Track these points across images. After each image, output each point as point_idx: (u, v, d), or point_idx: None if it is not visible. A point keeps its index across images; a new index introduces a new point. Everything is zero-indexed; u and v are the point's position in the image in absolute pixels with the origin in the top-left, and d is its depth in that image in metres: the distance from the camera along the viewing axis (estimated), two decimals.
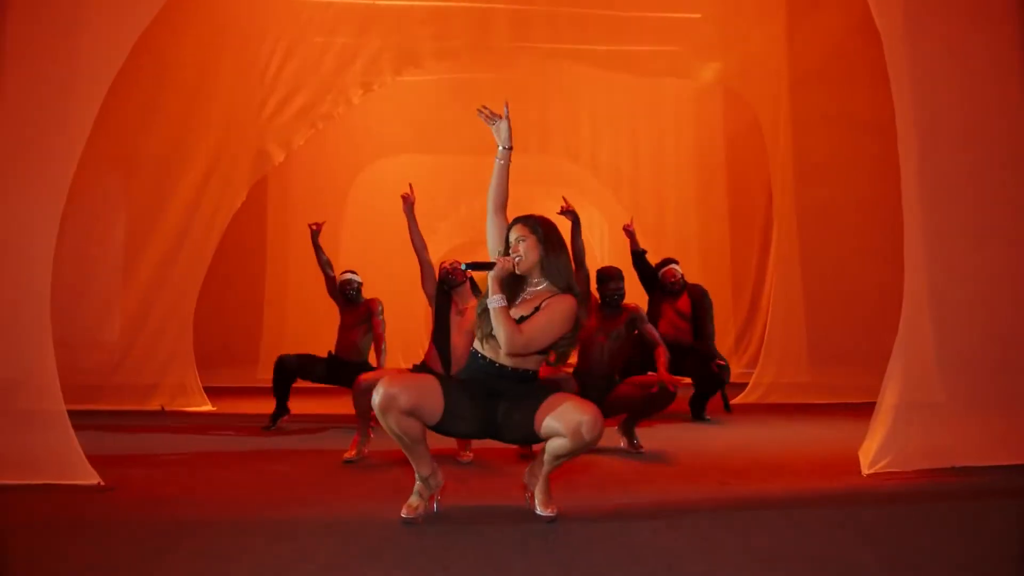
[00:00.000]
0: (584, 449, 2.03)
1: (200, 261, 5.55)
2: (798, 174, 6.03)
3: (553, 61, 7.69)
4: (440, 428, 2.10)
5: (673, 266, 4.91)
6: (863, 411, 4.78)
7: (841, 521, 2.13)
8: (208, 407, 5.39)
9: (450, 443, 3.22)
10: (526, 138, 8.57)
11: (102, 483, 2.58)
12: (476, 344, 2.20)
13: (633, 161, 8.54)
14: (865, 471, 2.76)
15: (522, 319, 2.11)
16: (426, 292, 3.50)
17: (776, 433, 3.99)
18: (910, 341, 2.91)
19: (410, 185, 3.60)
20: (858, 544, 1.88)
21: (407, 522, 2.07)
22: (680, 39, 6.38)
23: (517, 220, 2.22)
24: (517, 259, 2.15)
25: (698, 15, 6.19)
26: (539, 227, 2.21)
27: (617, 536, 1.96)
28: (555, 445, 2.04)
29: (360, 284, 4.46)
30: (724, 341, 8.37)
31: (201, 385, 5.54)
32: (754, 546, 1.85)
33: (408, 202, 3.52)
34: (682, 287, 4.85)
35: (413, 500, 2.13)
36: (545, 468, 2.14)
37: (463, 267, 2.18)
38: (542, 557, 1.76)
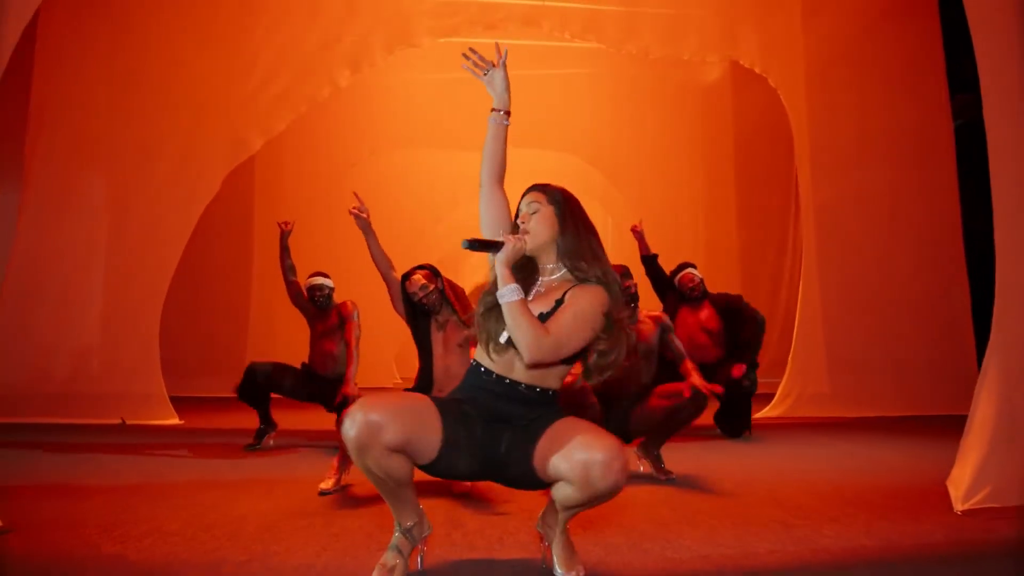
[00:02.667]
0: (601, 499, 1.44)
1: (168, 259, 5.00)
2: (816, 164, 5.59)
3: (555, 53, 7.25)
4: (433, 468, 1.53)
5: (691, 270, 4.29)
6: (916, 426, 4.30)
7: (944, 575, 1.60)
8: (174, 420, 4.82)
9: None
10: (527, 132, 8.10)
11: (0, 524, 2.02)
12: (478, 354, 1.65)
13: (638, 157, 8.08)
14: (958, 507, 2.22)
15: (541, 317, 1.56)
16: (398, 312, 2.99)
17: (825, 454, 3.44)
18: (1004, 345, 2.38)
19: (356, 195, 3.03)
20: None
21: None
22: (696, 25, 5.91)
23: (532, 187, 1.72)
24: (526, 236, 1.63)
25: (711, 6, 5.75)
26: (558, 196, 1.68)
27: None
28: (561, 494, 1.47)
29: (332, 289, 3.86)
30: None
31: (169, 396, 4.98)
32: None
33: (361, 218, 2.95)
34: (703, 294, 4.25)
35: (389, 558, 1.57)
36: (559, 518, 1.59)
37: (463, 244, 1.58)
38: None
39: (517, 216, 1.70)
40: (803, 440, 3.93)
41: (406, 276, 2.98)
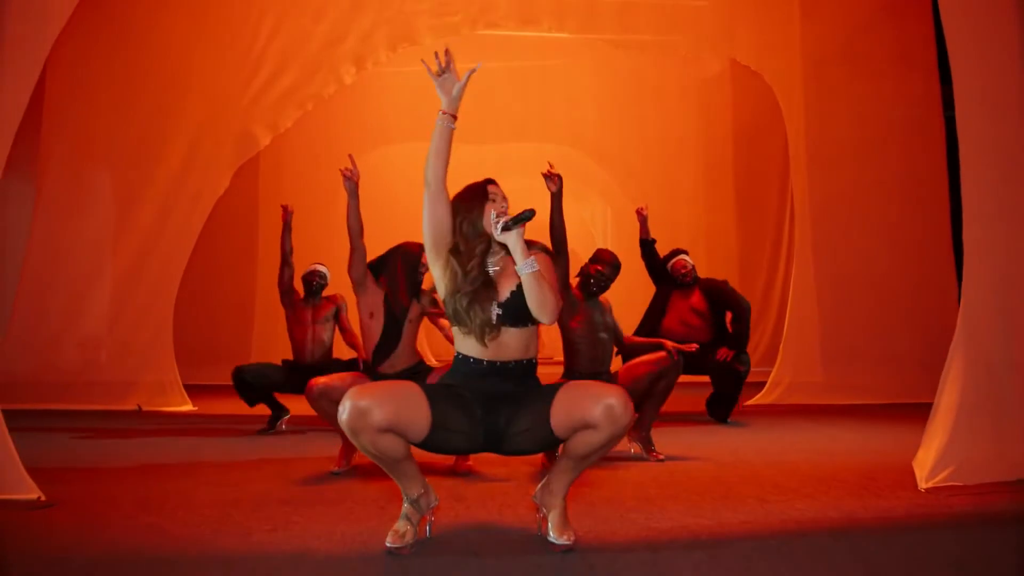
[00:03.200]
0: (617, 438, 1.67)
1: (180, 251, 5.19)
2: (812, 160, 5.70)
3: (556, 46, 7.36)
4: (428, 445, 1.71)
5: (683, 256, 4.47)
6: (901, 413, 4.48)
7: (905, 546, 1.78)
8: (188, 407, 5.03)
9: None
10: (528, 126, 8.24)
11: (41, 498, 2.22)
12: (464, 347, 1.81)
13: (639, 150, 8.21)
14: (923, 485, 2.40)
15: (512, 295, 1.78)
16: (352, 277, 3.01)
17: (809, 438, 3.63)
18: (970, 337, 2.55)
19: (350, 157, 3.13)
20: (927, 574, 1.53)
21: (393, 552, 1.71)
22: (693, 24, 6.03)
23: (492, 181, 1.92)
24: (503, 217, 1.81)
25: (705, 2, 5.85)
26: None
27: (647, 570, 1.60)
28: (583, 441, 1.66)
29: (327, 280, 4.02)
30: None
31: (182, 383, 5.19)
32: None
33: (351, 179, 3.04)
34: (694, 280, 4.43)
35: (400, 526, 1.77)
36: (568, 478, 1.78)
37: (506, 223, 1.73)
38: None
39: (486, 196, 1.85)
40: (790, 425, 4.12)
41: (412, 251, 3.03)
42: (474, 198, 1.85)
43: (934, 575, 1.66)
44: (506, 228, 1.73)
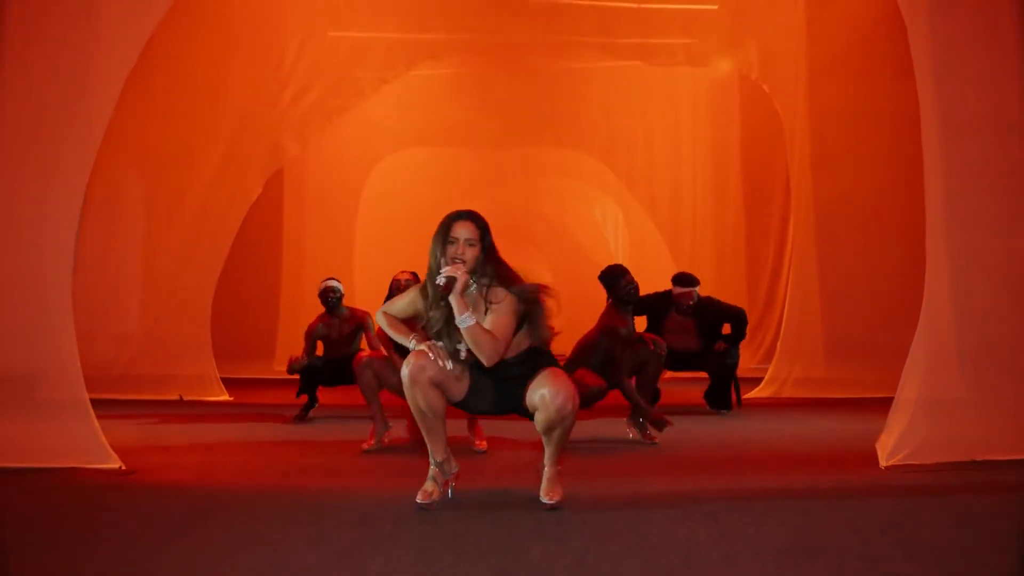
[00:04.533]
0: (559, 419, 2.02)
1: (217, 253, 5.61)
2: (816, 165, 5.95)
3: (568, 52, 7.66)
4: (462, 405, 2.17)
5: (692, 290, 4.62)
6: (881, 405, 4.74)
7: (859, 512, 2.11)
8: (225, 397, 5.45)
9: (464, 432, 3.22)
10: (539, 130, 8.57)
11: (123, 467, 2.62)
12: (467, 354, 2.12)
13: (648, 154, 8.49)
14: (883, 463, 2.72)
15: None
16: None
17: (793, 426, 3.95)
18: (931, 334, 2.86)
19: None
20: (876, 535, 1.86)
21: (422, 507, 2.08)
22: (699, 29, 6.32)
23: (464, 216, 2.11)
24: (461, 263, 2.06)
25: (716, 6, 6.12)
26: (486, 232, 2.13)
27: (632, 525, 1.96)
28: (538, 419, 2.06)
29: (342, 294, 4.30)
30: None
31: (219, 376, 5.61)
32: (771, 537, 1.83)
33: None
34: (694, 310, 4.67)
35: (428, 486, 2.14)
36: (550, 450, 2.15)
37: (439, 299, 2.06)
38: (556, 545, 1.76)
39: (447, 237, 2.08)
40: (782, 416, 4.44)
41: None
42: (437, 238, 2.10)
43: (876, 533, 1.99)
44: (442, 298, 2.05)
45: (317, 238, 8.23)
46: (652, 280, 4.89)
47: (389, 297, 3.30)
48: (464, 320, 2.01)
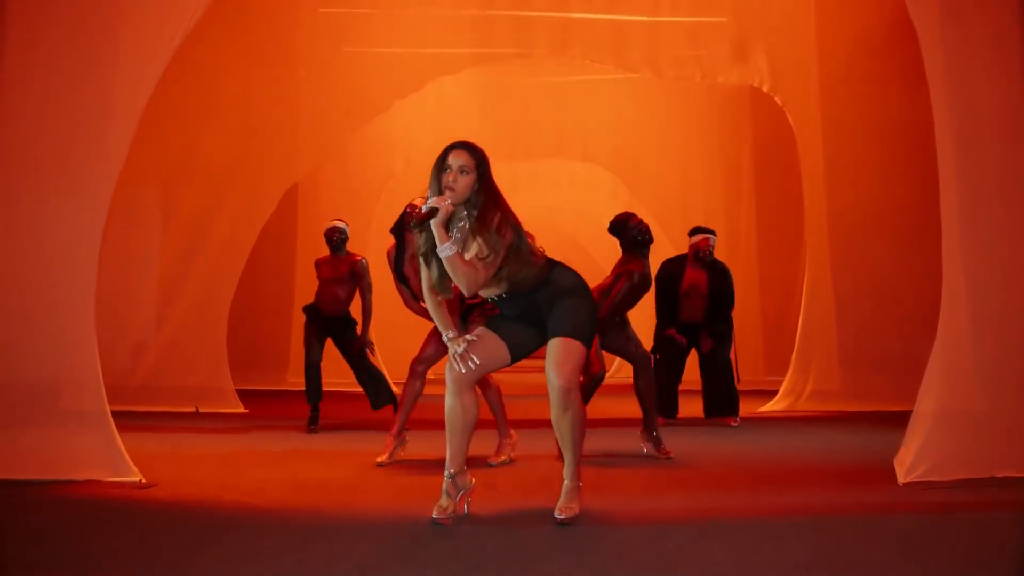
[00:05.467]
0: (561, 408, 2.08)
1: (234, 266, 5.69)
2: (829, 176, 5.93)
3: (580, 65, 7.72)
4: (516, 357, 2.22)
5: (709, 236, 4.73)
6: (899, 419, 4.69)
7: (878, 531, 2.09)
8: (240, 409, 5.50)
9: (482, 449, 3.23)
10: (551, 142, 8.61)
11: (143, 480, 2.65)
12: (487, 293, 2.20)
13: (659, 166, 8.51)
14: (901, 480, 2.70)
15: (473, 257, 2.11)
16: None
17: (809, 441, 3.93)
18: (948, 347, 2.84)
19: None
20: (895, 555, 1.85)
21: (437, 523, 2.09)
22: (709, 41, 6.34)
23: (460, 146, 2.13)
24: (449, 190, 2.06)
25: (727, 18, 6.15)
26: (482, 162, 2.12)
27: (649, 542, 1.95)
28: (555, 425, 2.14)
29: (347, 236, 4.51)
30: (753, 347, 8.25)
31: (234, 388, 5.66)
32: (789, 555, 1.82)
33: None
34: (710, 262, 4.70)
35: (443, 501, 2.15)
36: (568, 456, 2.17)
37: (412, 227, 2.11)
38: (572, 561, 1.76)
39: (443, 166, 2.10)
40: (798, 430, 4.41)
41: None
42: (434, 168, 2.13)
43: (895, 553, 1.97)
44: (417, 227, 2.09)
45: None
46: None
47: (398, 224, 3.27)
48: (444, 250, 2.04)
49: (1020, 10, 3.08)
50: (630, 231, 3.44)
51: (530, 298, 2.17)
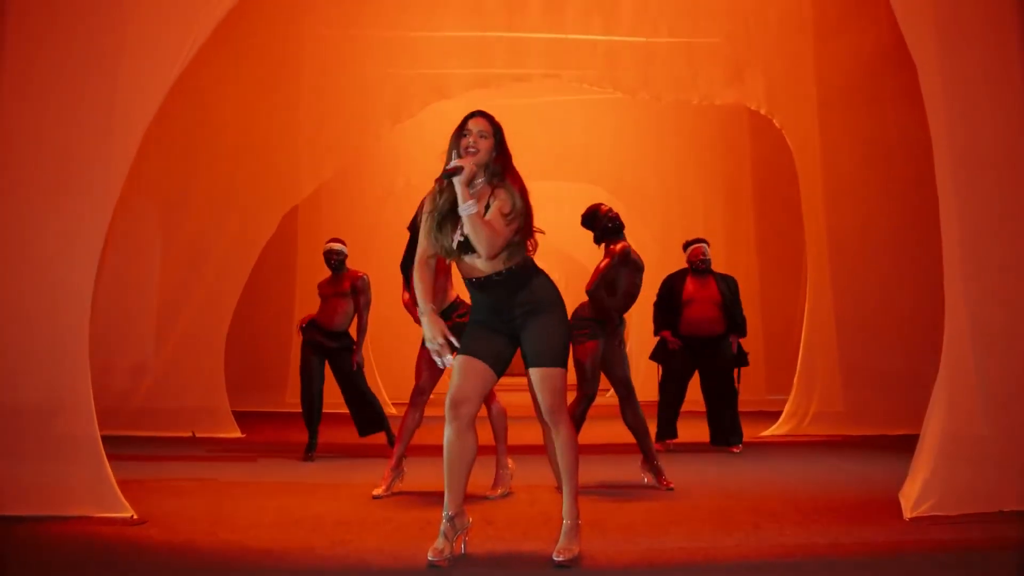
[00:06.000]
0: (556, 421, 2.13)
1: (232, 288, 5.67)
2: (828, 196, 5.93)
3: (577, 87, 7.75)
4: (502, 369, 2.20)
5: (701, 244, 4.77)
6: (904, 444, 4.63)
7: (883, 571, 2.04)
8: (237, 434, 5.45)
9: (478, 478, 3.18)
10: (550, 163, 8.63)
11: (135, 516, 2.61)
12: (466, 273, 2.17)
13: (659, 187, 8.52)
14: (907, 515, 2.65)
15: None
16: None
17: (813, 470, 3.87)
18: (952, 373, 2.81)
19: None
20: None
21: (433, 565, 2.04)
22: (708, 64, 6.37)
23: (479, 114, 2.20)
24: (472, 151, 2.12)
25: (726, 39, 6.17)
26: (500, 131, 2.20)
27: None
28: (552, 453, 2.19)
29: (345, 256, 4.55)
30: (755, 367, 8.20)
31: (231, 411, 5.62)
32: None
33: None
34: (707, 270, 4.73)
35: (439, 543, 2.10)
36: (566, 488, 2.14)
37: (443, 176, 2.09)
38: None
39: (462, 131, 2.15)
40: (801, 457, 4.35)
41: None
42: (453, 135, 2.17)
43: None
44: (446, 176, 2.08)
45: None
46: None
47: (414, 221, 3.25)
48: (467, 208, 2.04)
49: (1019, 38, 3.08)
50: (601, 220, 3.49)
51: (508, 298, 2.15)
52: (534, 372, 2.14)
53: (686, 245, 4.88)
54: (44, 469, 2.72)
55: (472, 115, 2.20)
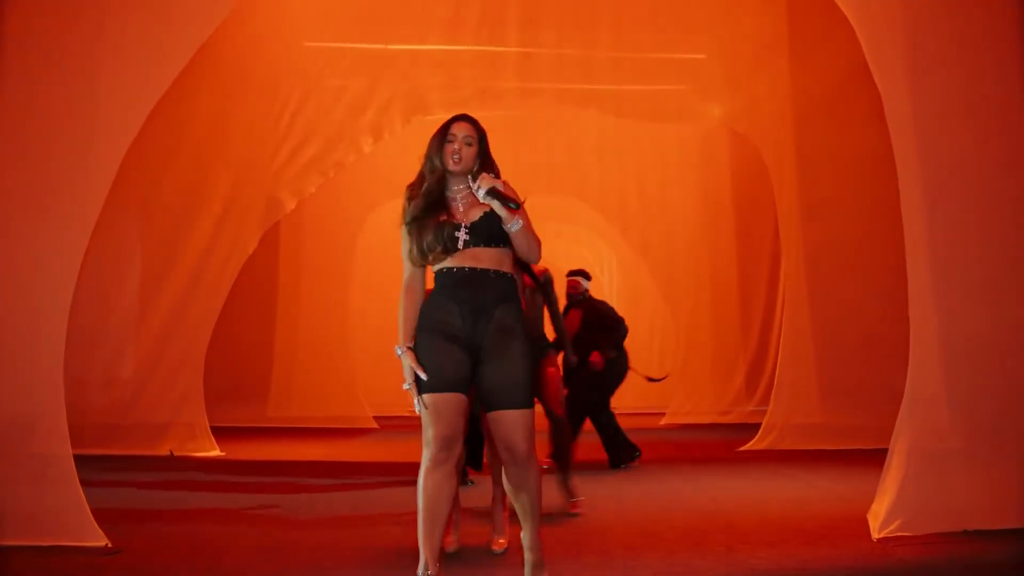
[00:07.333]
0: (524, 475, 1.97)
1: (212, 305, 5.64)
2: (804, 212, 6.02)
3: (560, 102, 7.82)
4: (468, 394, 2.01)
5: (578, 278, 4.77)
6: (876, 458, 4.72)
7: None
8: (216, 452, 5.40)
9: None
10: (533, 177, 8.69)
11: (109, 545, 2.59)
12: (440, 264, 2.03)
13: (640, 201, 8.59)
14: (875, 535, 2.71)
15: (482, 218, 2.02)
16: None
17: (786, 486, 3.93)
18: (919, 393, 2.88)
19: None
20: None
21: None
22: (685, 80, 6.48)
23: (464, 118, 2.11)
24: (456, 158, 2.03)
25: (702, 56, 6.28)
26: (484, 135, 2.12)
27: None
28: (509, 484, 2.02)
29: None
30: (733, 380, 8.31)
31: (210, 426, 5.57)
32: None
33: None
34: (581, 301, 4.72)
35: None
36: (524, 533, 2.03)
37: (488, 193, 1.96)
38: None
39: (446, 136, 2.06)
40: (777, 472, 4.40)
41: None
42: (435, 138, 2.08)
43: None
44: (489, 195, 1.97)
45: (313, 285, 8.27)
46: (645, 322, 4.88)
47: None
48: (514, 224, 1.97)
49: (985, 62, 3.17)
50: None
51: (491, 304, 1.99)
52: (507, 415, 1.95)
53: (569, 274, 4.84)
54: (17, 493, 2.69)
55: (456, 119, 2.09)
